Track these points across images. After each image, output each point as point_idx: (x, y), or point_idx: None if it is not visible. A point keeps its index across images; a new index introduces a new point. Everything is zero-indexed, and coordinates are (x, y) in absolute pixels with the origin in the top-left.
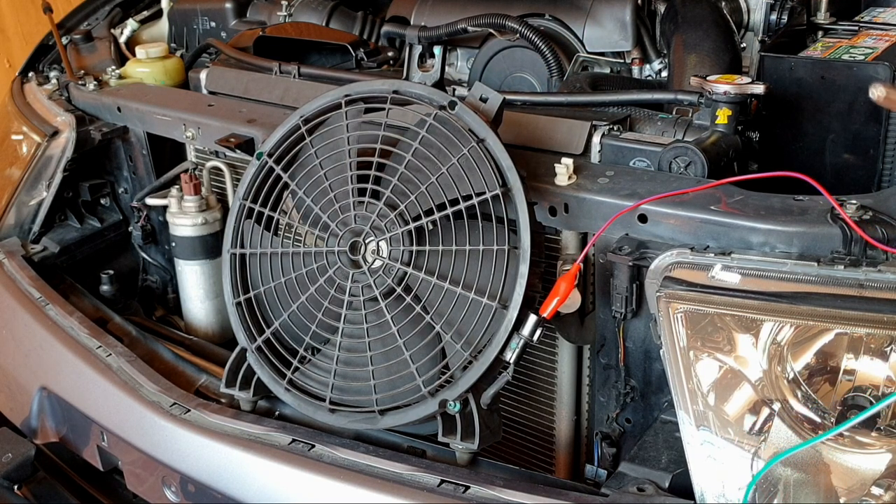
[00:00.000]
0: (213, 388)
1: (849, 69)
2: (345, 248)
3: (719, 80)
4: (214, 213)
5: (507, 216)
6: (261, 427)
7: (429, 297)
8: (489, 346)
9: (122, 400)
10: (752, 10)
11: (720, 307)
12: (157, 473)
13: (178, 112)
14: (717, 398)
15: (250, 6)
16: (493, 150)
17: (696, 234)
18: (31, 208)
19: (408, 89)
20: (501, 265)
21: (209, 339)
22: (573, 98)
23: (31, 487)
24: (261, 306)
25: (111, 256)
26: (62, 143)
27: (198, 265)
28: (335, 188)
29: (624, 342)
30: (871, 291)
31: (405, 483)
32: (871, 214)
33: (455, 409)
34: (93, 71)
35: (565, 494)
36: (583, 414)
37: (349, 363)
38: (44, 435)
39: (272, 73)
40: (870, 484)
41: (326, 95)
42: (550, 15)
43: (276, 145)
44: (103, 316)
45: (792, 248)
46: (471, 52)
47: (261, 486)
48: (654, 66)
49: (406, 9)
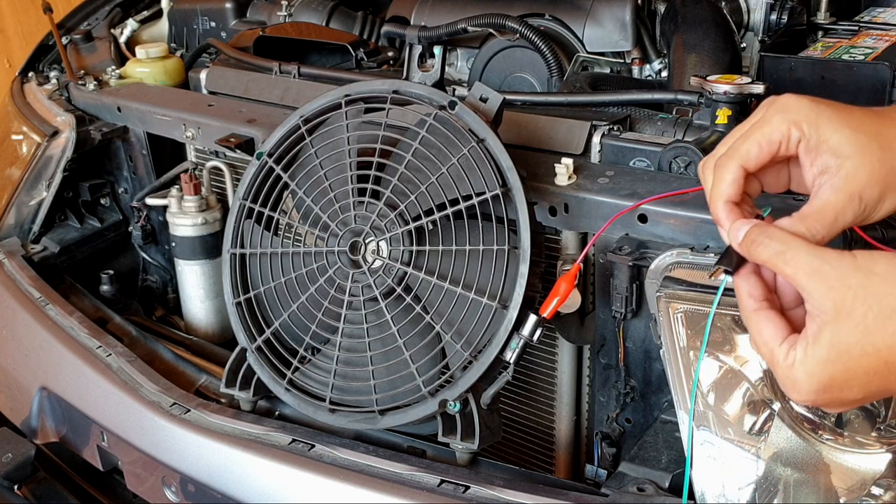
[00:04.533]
0: (213, 388)
1: (849, 69)
2: (345, 248)
3: (719, 80)
4: (214, 213)
5: (507, 216)
6: (261, 427)
7: (429, 297)
8: (489, 346)
9: (122, 400)
10: (752, 10)
11: (720, 307)
12: (157, 473)
13: (178, 112)
14: (717, 398)
15: (250, 6)
16: (493, 150)
17: (696, 234)
18: (31, 208)
19: (408, 89)
20: (501, 265)
21: (209, 339)
22: (573, 98)
23: (31, 487)
24: (261, 306)
25: (111, 256)
26: (62, 143)
27: (198, 265)
28: (335, 188)
29: (624, 342)
30: None
31: (405, 483)
32: None
33: (455, 409)
34: (93, 71)
35: (565, 494)
36: (583, 414)
37: (349, 363)
38: (44, 435)
39: (272, 73)
40: (870, 484)
41: (326, 95)
42: (550, 15)
43: (276, 145)
44: (103, 316)
45: None
46: (471, 52)
47: (261, 486)
48: (654, 66)
49: (406, 9)
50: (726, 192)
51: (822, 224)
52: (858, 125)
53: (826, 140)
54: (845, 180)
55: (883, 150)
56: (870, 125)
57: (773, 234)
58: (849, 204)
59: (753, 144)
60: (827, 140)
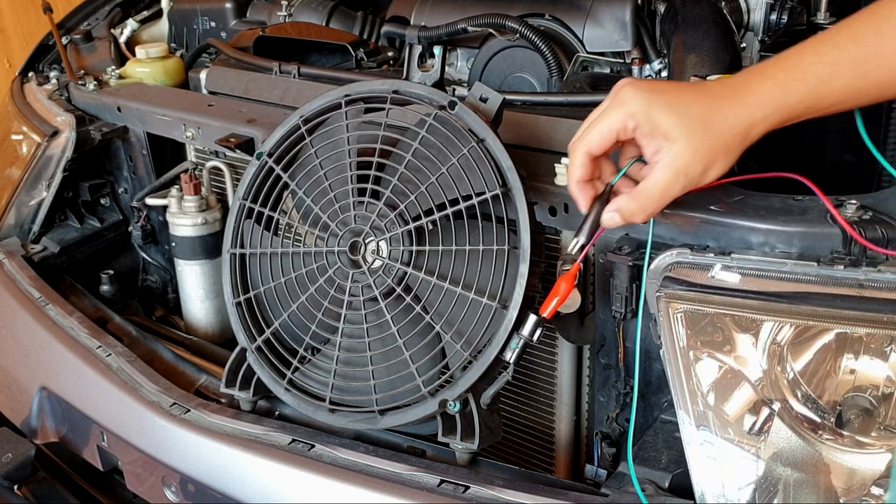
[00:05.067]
0: (213, 388)
1: None
2: (345, 248)
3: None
4: (214, 213)
5: (507, 216)
6: (261, 427)
7: (429, 297)
8: (489, 346)
9: (122, 400)
10: (752, 10)
11: (720, 307)
12: (157, 473)
13: (178, 112)
14: (717, 398)
15: (250, 6)
16: (492, 150)
17: (696, 234)
18: (31, 208)
19: (408, 89)
20: (501, 265)
21: (209, 339)
22: (573, 98)
23: (31, 487)
24: (261, 306)
25: (111, 256)
26: (62, 143)
27: (198, 265)
28: (335, 188)
29: (624, 342)
30: (871, 291)
31: (405, 483)
32: (871, 214)
33: (455, 409)
34: (93, 71)
35: (565, 494)
36: (583, 414)
37: (349, 363)
38: (44, 435)
39: (272, 73)
40: (870, 484)
41: (326, 95)
42: (550, 15)
43: (275, 145)
44: (103, 316)
45: (792, 248)
46: (471, 52)
47: (261, 486)
48: (654, 66)
49: (406, 9)
50: (576, 174)
51: (651, 200)
52: (686, 110)
53: (658, 125)
54: (674, 158)
55: (706, 130)
56: (697, 108)
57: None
58: (675, 180)
59: (596, 134)
60: (659, 125)
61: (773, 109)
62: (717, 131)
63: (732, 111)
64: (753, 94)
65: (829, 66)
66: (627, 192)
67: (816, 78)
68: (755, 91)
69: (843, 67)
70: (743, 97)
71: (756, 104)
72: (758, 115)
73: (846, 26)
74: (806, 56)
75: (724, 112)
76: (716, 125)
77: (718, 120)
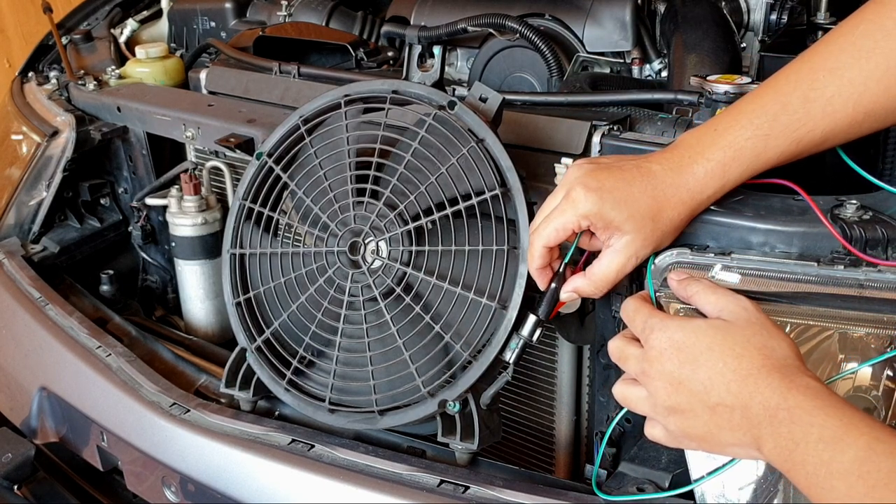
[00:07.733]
0: (213, 388)
1: None
2: (344, 249)
3: (719, 80)
4: (214, 213)
5: (507, 216)
6: (260, 427)
7: (428, 297)
8: (489, 346)
9: (121, 400)
10: (752, 10)
11: None
12: (157, 473)
13: (178, 112)
14: None
15: (250, 6)
16: (492, 150)
17: (696, 234)
18: (30, 208)
19: (407, 89)
20: (501, 265)
21: (209, 339)
22: (573, 98)
23: (31, 487)
24: (260, 306)
25: (111, 256)
26: (62, 143)
27: (198, 265)
28: (334, 188)
29: None
30: (871, 291)
31: (405, 483)
32: (871, 214)
33: (455, 409)
34: (93, 71)
35: (565, 494)
36: (583, 414)
37: (349, 363)
38: (44, 435)
39: (272, 73)
40: None
41: (326, 95)
42: (550, 15)
43: (275, 145)
44: (103, 316)
45: (792, 248)
46: (471, 52)
47: (260, 486)
48: (654, 66)
49: (406, 9)
50: (535, 263)
51: (605, 281)
52: (636, 207)
53: (611, 222)
54: (626, 245)
55: (655, 222)
56: (644, 202)
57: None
58: (627, 262)
59: (552, 231)
60: (611, 221)
61: (716, 190)
62: (665, 220)
63: (677, 197)
64: (696, 178)
65: (762, 139)
66: (581, 275)
67: (752, 153)
68: (697, 175)
69: (777, 138)
70: (687, 183)
71: (699, 188)
72: (701, 197)
73: (774, 91)
74: (743, 130)
75: (670, 200)
76: (663, 215)
77: (666, 209)
